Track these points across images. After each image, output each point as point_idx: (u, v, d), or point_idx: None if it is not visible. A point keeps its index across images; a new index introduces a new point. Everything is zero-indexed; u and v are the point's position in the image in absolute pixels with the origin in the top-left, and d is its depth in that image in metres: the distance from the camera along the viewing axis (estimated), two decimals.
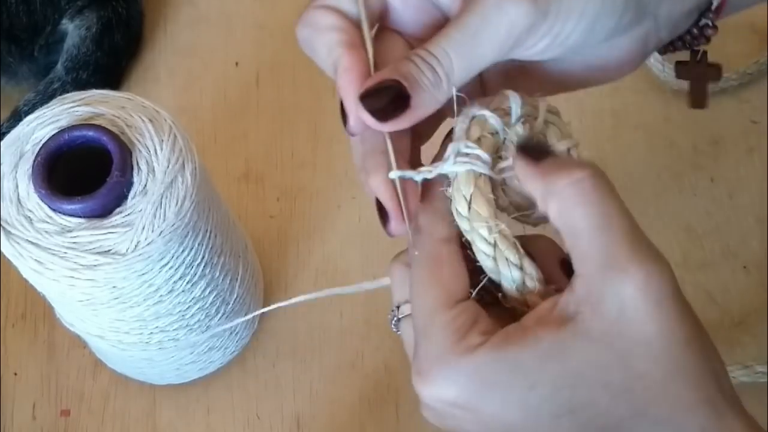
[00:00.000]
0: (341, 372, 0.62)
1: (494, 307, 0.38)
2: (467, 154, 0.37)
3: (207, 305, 0.54)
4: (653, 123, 0.70)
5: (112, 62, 0.70)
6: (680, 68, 0.50)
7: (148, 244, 0.46)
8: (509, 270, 0.37)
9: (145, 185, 0.47)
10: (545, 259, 0.38)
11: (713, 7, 0.44)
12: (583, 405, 0.34)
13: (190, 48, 0.73)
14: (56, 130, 0.48)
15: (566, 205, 0.34)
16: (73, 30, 0.69)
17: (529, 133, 0.38)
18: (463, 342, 0.35)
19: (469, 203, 0.37)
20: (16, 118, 0.67)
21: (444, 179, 0.38)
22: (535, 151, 0.36)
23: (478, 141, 0.37)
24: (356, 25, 0.38)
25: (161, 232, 0.47)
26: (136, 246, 0.46)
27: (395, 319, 0.41)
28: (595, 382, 0.34)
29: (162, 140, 0.48)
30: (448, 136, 0.40)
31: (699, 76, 0.50)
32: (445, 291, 0.37)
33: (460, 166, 0.37)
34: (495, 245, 0.37)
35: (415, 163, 0.41)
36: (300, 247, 0.66)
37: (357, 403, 0.61)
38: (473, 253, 0.38)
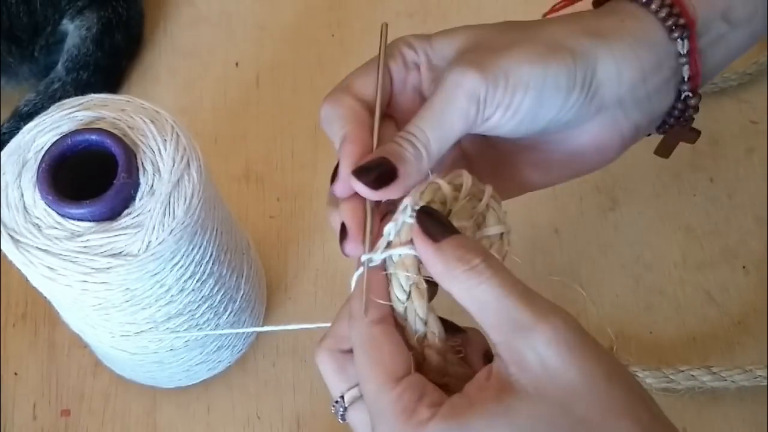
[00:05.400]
0: None
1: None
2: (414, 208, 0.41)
3: (215, 303, 0.54)
4: None
5: (112, 62, 0.70)
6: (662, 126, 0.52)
7: (159, 243, 0.46)
8: (415, 321, 0.40)
9: (152, 185, 0.47)
10: (472, 348, 0.42)
11: (686, 78, 0.47)
12: None
13: (190, 48, 0.74)
14: (58, 136, 0.48)
15: (468, 286, 0.38)
16: (74, 30, 0.69)
17: (471, 212, 0.42)
18: (413, 418, 0.37)
19: (401, 253, 0.40)
20: (17, 118, 0.67)
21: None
22: (433, 221, 0.40)
23: (428, 204, 0.41)
24: (368, 110, 0.45)
25: (172, 230, 0.47)
26: (147, 246, 0.46)
27: (342, 409, 0.43)
28: None
29: (165, 140, 0.48)
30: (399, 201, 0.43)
31: (677, 135, 0.52)
32: (385, 371, 0.38)
33: (409, 219, 0.41)
34: (408, 294, 0.40)
35: None
36: (300, 247, 0.66)
37: None
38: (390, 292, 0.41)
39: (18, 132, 0.49)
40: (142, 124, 0.49)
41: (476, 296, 0.37)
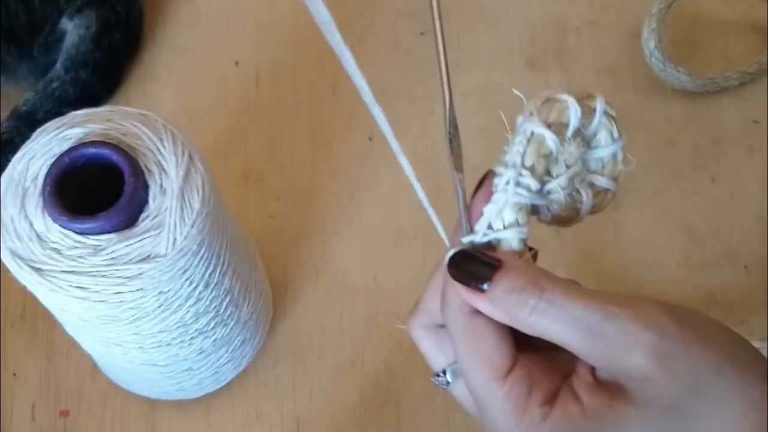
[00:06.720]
0: (341, 372, 0.61)
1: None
2: (518, 183, 0.38)
3: (235, 296, 0.54)
4: (654, 123, 0.69)
5: (111, 61, 0.70)
6: None
7: (184, 238, 0.46)
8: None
9: (161, 184, 0.47)
10: None
11: None
12: None
13: (189, 47, 0.73)
14: (53, 159, 0.47)
15: (540, 330, 0.36)
16: (73, 29, 0.69)
17: (582, 148, 0.40)
18: (525, 416, 0.36)
19: (504, 226, 0.38)
20: (16, 117, 0.67)
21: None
22: (470, 269, 0.38)
23: (532, 168, 0.38)
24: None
25: (193, 222, 0.46)
26: (174, 243, 0.46)
27: (444, 384, 0.41)
28: None
29: (161, 138, 0.48)
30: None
31: None
32: (491, 365, 0.37)
33: (513, 196, 0.38)
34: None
35: None
36: (300, 247, 0.66)
37: (357, 403, 0.61)
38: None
39: (13, 141, 0.48)
40: (133, 128, 0.48)
41: (555, 334, 0.36)
